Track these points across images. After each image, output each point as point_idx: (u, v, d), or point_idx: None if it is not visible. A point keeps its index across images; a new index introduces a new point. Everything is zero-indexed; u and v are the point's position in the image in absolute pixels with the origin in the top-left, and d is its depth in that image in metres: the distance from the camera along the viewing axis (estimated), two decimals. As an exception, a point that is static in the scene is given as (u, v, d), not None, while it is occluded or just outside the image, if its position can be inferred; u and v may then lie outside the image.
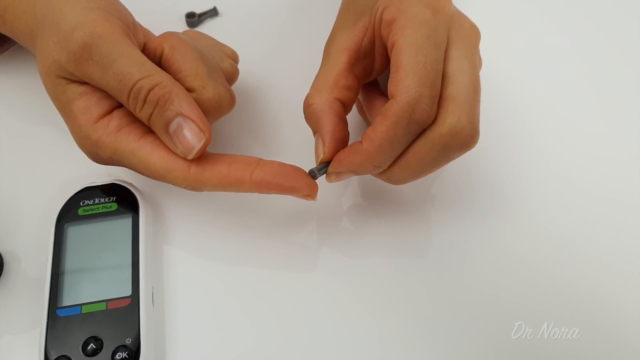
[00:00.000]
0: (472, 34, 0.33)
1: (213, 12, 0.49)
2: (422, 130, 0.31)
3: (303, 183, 0.32)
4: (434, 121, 0.30)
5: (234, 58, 0.41)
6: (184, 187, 0.32)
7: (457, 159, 0.32)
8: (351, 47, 0.34)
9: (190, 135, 0.31)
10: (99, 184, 0.37)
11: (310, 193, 0.33)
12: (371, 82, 0.37)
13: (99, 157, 0.33)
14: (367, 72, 0.35)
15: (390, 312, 0.34)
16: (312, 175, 0.33)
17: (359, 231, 0.38)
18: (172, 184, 0.32)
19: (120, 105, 0.33)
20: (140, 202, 0.37)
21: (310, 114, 0.34)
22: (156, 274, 0.36)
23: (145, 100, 0.31)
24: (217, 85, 0.34)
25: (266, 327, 0.34)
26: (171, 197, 0.39)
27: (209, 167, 0.32)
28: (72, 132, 0.33)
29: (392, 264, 0.36)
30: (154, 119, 0.31)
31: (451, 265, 0.36)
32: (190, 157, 0.31)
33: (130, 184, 0.37)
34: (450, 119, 0.30)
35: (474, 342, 0.31)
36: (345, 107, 0.34)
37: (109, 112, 0.33)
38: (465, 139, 0.30)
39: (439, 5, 0.31)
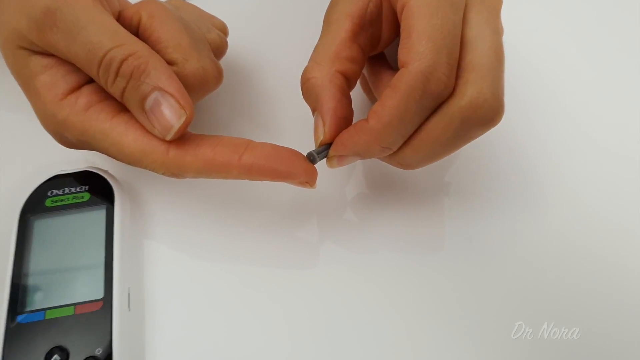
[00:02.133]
0: None
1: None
2: (438, 105, 0.28)
3: (300, 168, 0.29)
4: (451, 93, 0.28)
5: (223, 30, 0.38)
6: (163, 173, 0.29)
7: (477, 139, 0.29)
8: (355, 13, 0.30)
9: (169, 112, 0.28)
10: (70, 171, 0.34)
11: (309, 179, 0.30)
12: (377, 54, 0.34)
13: (67, 139, 0.30)
14: (373, 43, 0.32)
15: (394, 310, 0.32)
16: (311, 159, 0.30)
17: (365, 223, 0.36)
18: (150, 170, 0.29)
19: (90, 81, 0.30)
20: (117, 191, 0.33)
21: (308, 89, 0.30)
22: (134, 274, 0.33)
23: (117, 73, 0.28)
24: (201, 58, 0.31)
25: (261, 332, 0.32)
26: (153, 186, 0.36)
27: (191, 150, 0.29)
28: (35, 111, 0.30)
29: (399, 259, 0.34)
30: (128, 93, 0.28)
31: (457, 262, 0.34)
32: (168, 137, 0.28)
33: (106, 172, 0.34)
34: (470, 90, 0.27)
35: (473, 342, 0.31)
36: (349, 82, 0.31)
37: (77, 88, 0.30)
38: (488, 113, 0.27)
39: None
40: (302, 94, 0.31)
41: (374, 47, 0.33)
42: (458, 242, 0.35)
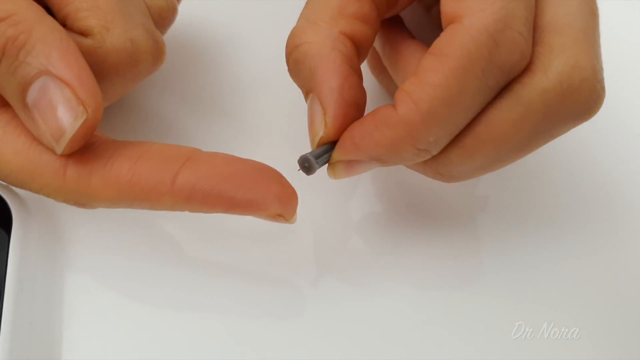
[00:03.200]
0: None
1: None
2: (507, 84, 0.22)
3: (268, 193, 0.22)
4: (527, 68, 0.22)
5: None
6: (64, 201, 0.23)
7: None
8: None
9: (62, 109, 0.21)
10: None
11: (283, 211, 0.23)
12: (394, 20, 0.28)
13: None
14: None
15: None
16: (305, 165, 0.23)
17: (375, 253, 0.31)
18: (45, 196, 0.23)
19: None
20: (16, 213, 0.26)
21: (299, 61, 0.24)
22: (44, 314, 0.27)
23: None
24: (131, 26, 0.25)
25: None
26: (66, 209, 0.29)
27: (99, 168, 0.22)
28: None
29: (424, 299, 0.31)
30: (2, 79, 0.22)
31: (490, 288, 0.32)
32: (59, 147, 0.22)
33: (6, 187, 0.27)
34: (558, 62, 0.21)
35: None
36: (359, 50, 0.25)
37: None
38: (586, 98, 0.21)
39: None
40: (289, 68, 0.25)
41: (392, 4, 0.26)
42: (499, 271, 0.32)
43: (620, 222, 0.35)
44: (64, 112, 0.20)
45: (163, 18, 0.29)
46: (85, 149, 0.22)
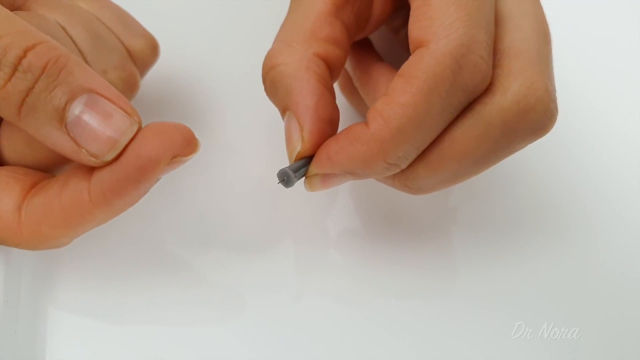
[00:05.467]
0: None
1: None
2: (470, 104, 0.23)
3: (158, 151, 0.22)
4: (487, 88, 0.23)
5: (152, 42, 0.32)
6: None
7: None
8: None
9: (119, 117, 0.22)
10: None
11: (181, 150, 0.22)
12: (363, 41, 0.29)
13: None
14: (360, 20, 0.27)
15: None
16: (284, 179, 0.24)
17: (353, 266, 0.32)
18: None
19: None
20: None
21: (275, 81, 0.25)
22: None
23: (17, 67, 0.21)
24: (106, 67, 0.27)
25: None
26: None
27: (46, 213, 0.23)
28: None
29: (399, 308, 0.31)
30: (37, 99, 0.21)
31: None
32: (109, 155, 0.21)
33: None
34: (516, 84, 0.22)
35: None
36: (331, 71, 0.25)
37: None
38: (540, 116, 0.23)
39: None
40: (265, 88, 0.26)
41: (361, 28, 0.27)
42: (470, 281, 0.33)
43: (603, 223, 0.35)
44: (120, 120, 0.21)
45: (143, 62, 0.30)
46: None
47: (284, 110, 0.24)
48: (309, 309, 0.30)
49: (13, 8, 0.25)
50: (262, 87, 0.26)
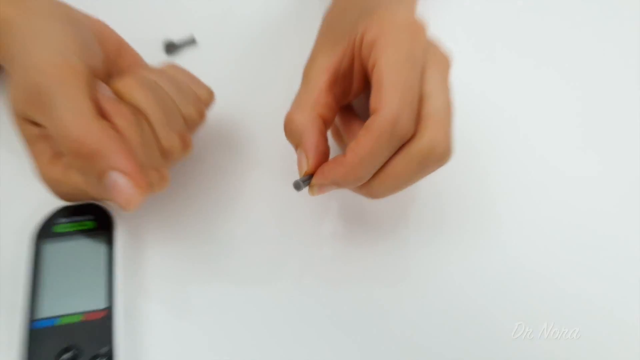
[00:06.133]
0: (446, 59, 0.34)
1: (191, 41, 0.49)
2: (402, 145, 0.32)
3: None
4: (412, 137, 0.32)
5: (208, 98, 0.39)
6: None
7: (429, 178, 0.33)
8: (331, 68, 0.35)
9: (128, 189, 0.30)
10: (76, 203, 0.37)
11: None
12: (347, 106, 0.38)
13: (61, 194, 0.34)
14: (345, 93, 0.36)
15: (378, 332, 0.33)
16: (297, 186, 0.33)
17: (339, 259, 0.37)
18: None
19: None
20: (117, 220, 0.36)
21: (292, 130, 0.34)
22: (133, 287, 0.36)
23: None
24: (168, 133, 0.34)
25: (241, 343, 0.34)
26: (150, 217, 0.39)
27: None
28: (34, 170, 0.34)
29: (375, 285, 0.35)
30: (83, 170, 0.31)
31: (445, 273, 0.35)
32: (130, 207, 0.30)
33: (108, 205, 0.37)
34: (427, 135, 0.31)
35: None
36: (326, 124, 0.35)
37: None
38: (441, 154, 0.32)
39: (416, 31, 0.33)
40: (286, 134, 0.35)
41: (346, 97, 0.37)
42: (442, 257, 0.36)
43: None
44: (128, 191, 0.30)
45: (194, 124, 0.37)
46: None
47: (296, 147, 0.34)
48: (306, 291, 0.36)
49: (107, 76, 0.34)
50: (283, 131, 0.34)
